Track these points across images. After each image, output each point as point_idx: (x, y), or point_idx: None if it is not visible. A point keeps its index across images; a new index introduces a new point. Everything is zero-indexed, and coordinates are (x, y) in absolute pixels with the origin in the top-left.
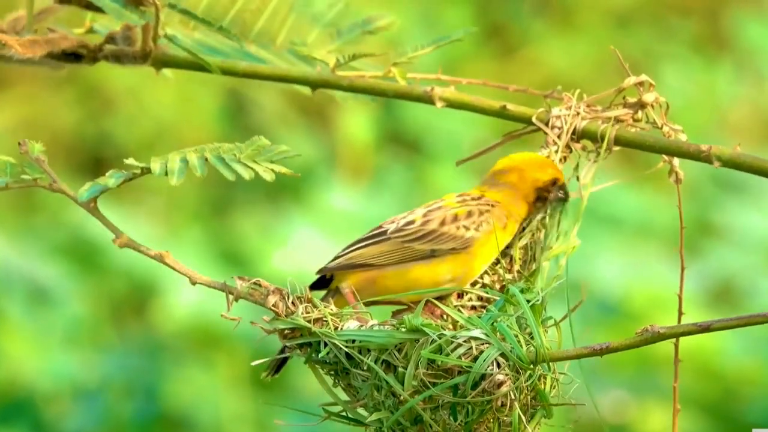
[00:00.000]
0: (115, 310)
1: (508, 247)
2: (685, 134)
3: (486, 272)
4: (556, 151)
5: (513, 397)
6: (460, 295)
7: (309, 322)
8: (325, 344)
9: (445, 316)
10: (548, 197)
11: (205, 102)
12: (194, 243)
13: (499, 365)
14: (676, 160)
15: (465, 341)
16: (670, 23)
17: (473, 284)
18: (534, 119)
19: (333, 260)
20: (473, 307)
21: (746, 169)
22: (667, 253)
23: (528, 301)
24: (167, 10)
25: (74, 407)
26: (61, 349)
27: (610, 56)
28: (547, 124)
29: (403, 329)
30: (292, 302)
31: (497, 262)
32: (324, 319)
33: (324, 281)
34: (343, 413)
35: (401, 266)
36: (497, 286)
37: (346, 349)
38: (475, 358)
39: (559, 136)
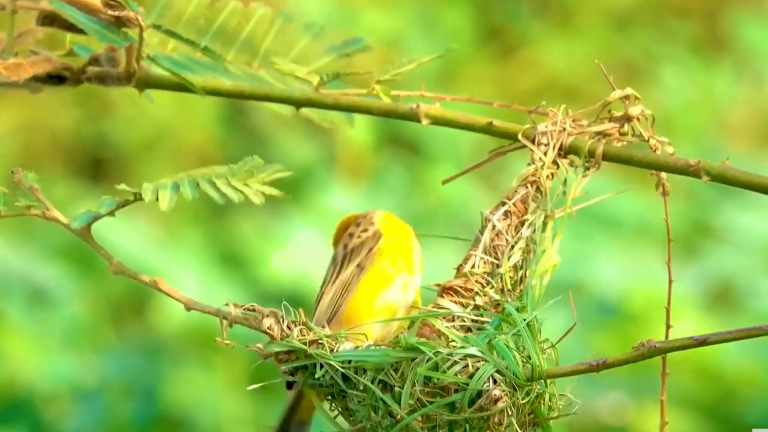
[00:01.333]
0: (115, 311)
1: (498, 266)
2: (672, 146)
3: (477, 293)
4: (543, 167)
5: (510, 413)
6: (452, 319)
7: (304, 344)
8: (321, 366)
9: (438, 336)
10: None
11: (204, 104)
12: (193, 244)
13: (495, 381)
14: (663, 173)
15: (461, 359)
16: (669, 24)
17: (464, 306)
18: (519, 136)
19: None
20: (468, 329)
21: (735, 183)
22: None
23: (524, 320)
24: (149, 30)
25: (73, 408)
26: (61, 350)
27: (609, 57)
28: (533, 141)
29: (399, 348)
30: (288, 325)
31: (488, 282)
32: (320, 341)
33: None
34: None
35: (351, 293)
36: (490, 308)
37: (342, 370)
38: (471, 375)
39: (545, 153)
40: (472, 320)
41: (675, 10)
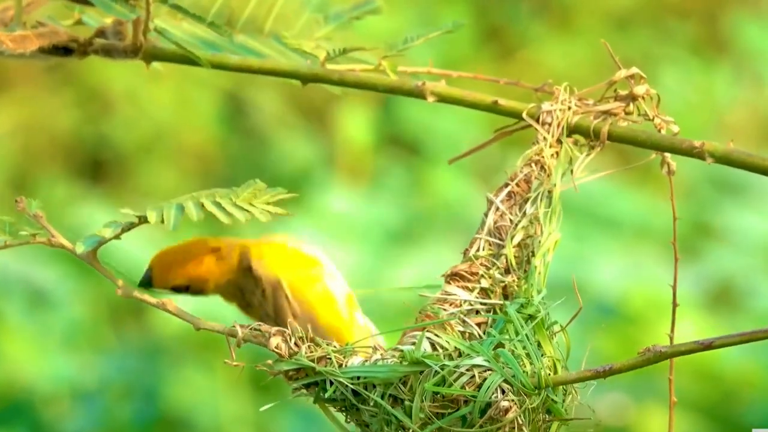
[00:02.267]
0: (114, 312)
1: (502, 246)
2: (677, 125)
3: (482, 276)
4: (547, 146)
5: (521, 421)
6: (459, 304)
7: (313, 361)
8: (331, 383)
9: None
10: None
11: (204, 104)
12: None
13: (504, 391)
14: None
15: (467, 369)
16: (668, 26)
17: (471, 291)
18: (524, 115)
19: None
20: (477, 312)
21: (739, 165)
22: (665, 255)
23: (530, 316)
24: (156, 3)
25: (73, 409)
26: (60, 351)
27: (608, 58)
28: (537, 120)
29: (405, 363)
30: (295, 343)
31: (492, 264)
32: (328, 357)
33: None
34: None
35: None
36: (497, 288)
37: (352, 386)
38: (480, 386)
39: (549, 132)
40: (480, 303)
41: (674, 11)
